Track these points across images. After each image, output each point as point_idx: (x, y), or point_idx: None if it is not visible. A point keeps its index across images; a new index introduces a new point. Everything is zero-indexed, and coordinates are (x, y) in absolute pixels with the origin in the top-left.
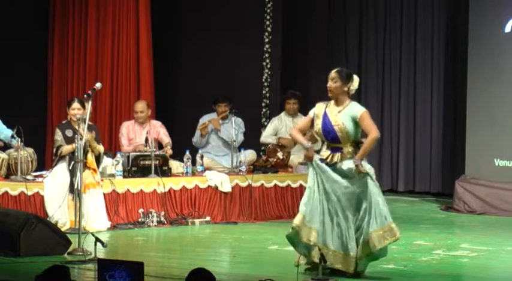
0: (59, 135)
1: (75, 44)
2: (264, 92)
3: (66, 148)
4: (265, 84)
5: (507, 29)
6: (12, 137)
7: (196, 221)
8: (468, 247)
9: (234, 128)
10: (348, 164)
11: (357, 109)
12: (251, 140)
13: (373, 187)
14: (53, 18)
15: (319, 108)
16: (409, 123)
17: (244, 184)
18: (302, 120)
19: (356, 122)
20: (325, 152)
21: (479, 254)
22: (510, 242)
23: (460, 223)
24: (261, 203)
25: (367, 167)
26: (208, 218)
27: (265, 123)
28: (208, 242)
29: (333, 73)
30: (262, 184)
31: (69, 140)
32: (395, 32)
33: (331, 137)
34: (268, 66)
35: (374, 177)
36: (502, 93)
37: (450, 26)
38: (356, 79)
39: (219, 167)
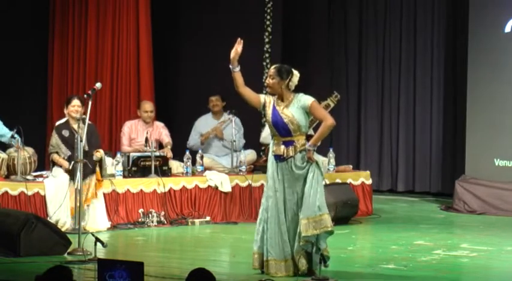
0: (55, 138)
1: (75, 44)
2: (264, 92)
3: (58, 160)
4: (266, 84)
5: (507, 29)
6: (12, 137)
7: (196, 221)
8: (468, 247)
9: (234, 128)
10: (301, 159)
11: (305, 99)
12: (251, 140)
13: (317, 176)
14: (53, 18)
15: (268, 99)
16: (409, 123)
17: (244, 184)
18: (253, 92)
19: (306, 113)
20: (280, 148)
21: (479, 254)
22: (510, 242)
23: (460, 223)
24: (261, 203)
25: (320, 158)
26: (208, 218)
27: (266, 123)
28: (208, 242)
29: (271, 70)
30: (262, 184)
31: (66, 141)
32: (395, 32)
33: (282, 130)
34: (269, 66)
35: (322, 167)
36: (502, 93)
37: (450, 26)
38: (296, 74)
39: (219, 167)
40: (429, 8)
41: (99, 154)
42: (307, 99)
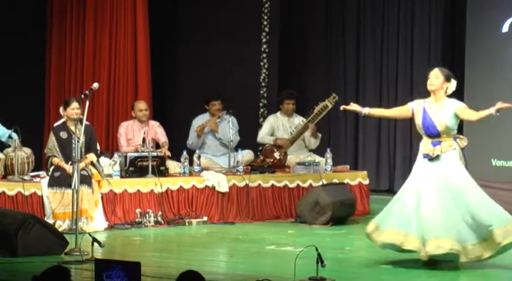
0: (52, 142)
1: (73, 44)
2: (261, 92)
3: (59, 163)
4: (263, 84)
5: (504, 29)
6: (10, 137)
7: (194, 221)
8: None
9: (231, 128)
10: (448, 156)
11: (457, 105)
12: (248, 140)
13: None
14: (51, 18)
15: (417, 105)
16: (406, 123)
17: (242, 184)
18: (399, 107)
19: (457, 117)
20: (427, 147)
21: None
22: None
23: None
24: (258, 203)
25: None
26: (205, 218)
27: (263, 123)
28: (206, 242)
29: (436, 70)
30: (260, 184)
31: (64, 143)
32: (393, 31)
33: (431, 132)
34: (266, 66)
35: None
36: (499, 93)
37: (448, 26)
38: (454, 82)
39: (216, 167)
40: (427, 7)
41: (87, 160)
42: (459, 105)
